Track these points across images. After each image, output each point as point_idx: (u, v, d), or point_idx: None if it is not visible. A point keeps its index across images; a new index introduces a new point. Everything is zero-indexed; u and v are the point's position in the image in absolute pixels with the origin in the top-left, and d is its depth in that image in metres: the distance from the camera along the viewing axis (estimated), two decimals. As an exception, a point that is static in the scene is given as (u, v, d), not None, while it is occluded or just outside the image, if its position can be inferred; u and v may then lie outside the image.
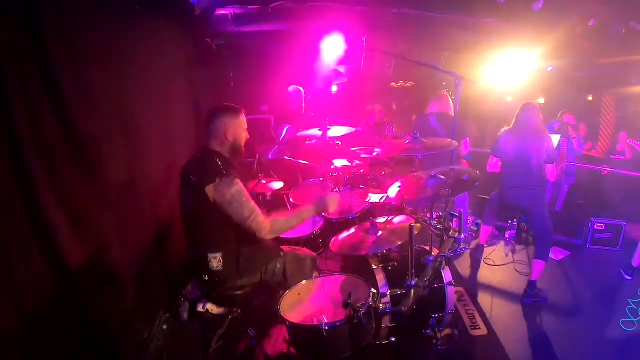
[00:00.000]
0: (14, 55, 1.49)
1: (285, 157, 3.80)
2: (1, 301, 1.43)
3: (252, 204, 2.00)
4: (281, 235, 2.82)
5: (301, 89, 4.55)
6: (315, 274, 2.39)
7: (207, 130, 2.11)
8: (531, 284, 3.16)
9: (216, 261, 2.05)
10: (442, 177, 2.31)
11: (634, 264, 3.50)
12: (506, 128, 3.38)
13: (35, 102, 1.60)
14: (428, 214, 2.57)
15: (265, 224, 2.00)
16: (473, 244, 4.11)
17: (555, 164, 3.20)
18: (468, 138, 3.74)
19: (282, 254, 2.30)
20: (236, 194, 1.96)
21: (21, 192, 1.52)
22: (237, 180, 1.98)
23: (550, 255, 3.93)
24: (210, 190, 1.93)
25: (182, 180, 2.11)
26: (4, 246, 1.44)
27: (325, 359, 1.93)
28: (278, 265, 2.25)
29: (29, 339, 1.54)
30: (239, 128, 2.13)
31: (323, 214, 3.07)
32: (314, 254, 2.47)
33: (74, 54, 1.83)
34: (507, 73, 4.30)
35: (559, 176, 4.76)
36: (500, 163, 3.40)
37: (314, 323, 1.84)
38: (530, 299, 3.14)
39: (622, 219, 4.07)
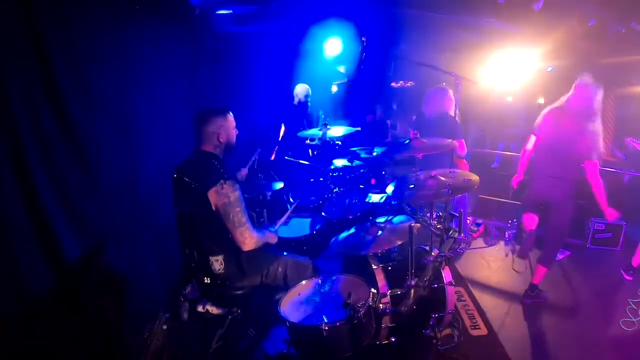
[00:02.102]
0: (14, 55, 1.49)
1: (286, 157, 3.79)
2: (2, 299, 1.43)
3: (246, 213, 2.02)
4: (281, 235, 2.83)
5: (308, 86, 4.54)
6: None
7: (198, 134, 2.09)
8: (532, 287, 3.13)
9: (218, 264, 2.05)
10: (442, 178, 2.31)
11: (634, 263, 3.49)
12: (553, 105, 2.96)
13: (35, 102, 1.60)
14: (428, 214, 2.57)
15: (253, 237, 2.02)
16: (473, 243, 4.11)
17: (597, 162, 2.75)
18: (463, 140, 3.72)
19: (284, 254, 2.31)
20: (238, 198, 1.97)
21: (21, 191, 1.52)
22: (237, 186, 1.99)
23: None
24: (212, 193, 1.92)
25: (177, 184, 2.09)
26: (4, 245, 1.44)
27: (325, 359, 1.93)
28: (280, 269, 2.25)
29: (30, 338, 1.54)
30: (230, 128, 2.13)
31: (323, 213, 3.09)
32: (311, 262, 2.47)
33: (74, 54, 1.83)
34: (507, 73, 4.30)
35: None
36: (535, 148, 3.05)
37: (314, 323, 1.84)
38: (529, 300, 3.12)
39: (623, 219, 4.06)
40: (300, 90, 4.47)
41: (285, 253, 2.37)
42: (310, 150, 4.25)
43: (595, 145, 2.73)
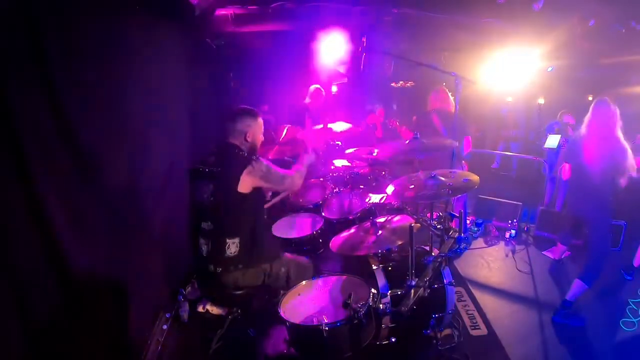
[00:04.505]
0: (14, 56, 1.49)
1: (286, 157, 3.79)
2: (2, 300, 1.43)
3: (281, 170, 2.21)
4: (281, 235, 2.84)
5: (322, 89, 4.56)
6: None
7: (227, 129, 2.22)
8: (565, 304, 2.90)
9: (234, 246, 2.11)
10: (442, 178, 2.31)
11: (635, 264, 3.50)
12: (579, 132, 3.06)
13: (35, 103, 1.60)
14: (428, 214, 2.57)
15: (295, 177, 2.29)
16: (473, 243, 4.11)
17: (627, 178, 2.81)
18: (470, 137, 3.73)
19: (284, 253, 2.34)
20: (269, 166, 2.15)
21: (22, 193, 1.52)
22: (262, 159, 2.14)
23: (550, 254, 3.93)
24: (245, 176, 2.05)
25: (196, 174, 2.20)
26: (5, 247, 1.44)
27: (325, 359, 1.93)
28: (282, 269, 2.26)
29: (30, 337, 1.54)
30: (257, 130, 2.26)
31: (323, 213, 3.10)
32: (312, 264, 2.49)
33: (74, 55, 1.82)
34: (507, 73, 4.30)
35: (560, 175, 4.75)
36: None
37: (314, 323, 1.84)
38: (560, 319, 2.90)
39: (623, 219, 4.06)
40: (312, 90, 4.51)
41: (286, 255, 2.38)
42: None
43: (626, 162, 2.78)
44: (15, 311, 1.48)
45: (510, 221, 4.29)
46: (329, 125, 3.78)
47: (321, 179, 3.66)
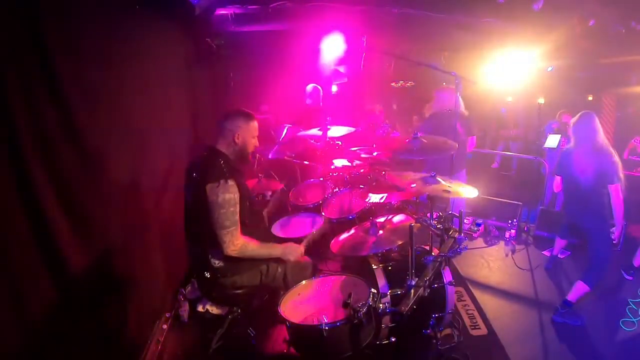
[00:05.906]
0: (14, 55, 1.49)
1: (286, 157, 3.79)
2: (2, 302, 1.43)
3: (237, 217, 2.03)
4: (281, 235, 2.83)
5: (319, 87, 4.56)
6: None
7: (217, 130, 2.18)
8: (565, 303, 2.91)
9: (217, 257, 2.07)
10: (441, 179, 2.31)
11: (635, 263, 3.50)
12: (569, 146, 3.10)
13: (36, 102, 1.59)
14: (428, 214, 2.57)
15: (238, 242, 2.03)
16: (473, 243, 4.11)
17: (618, 184, 2.82)
18: (474, 137, 3.73)
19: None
20: (229, 201, 1.99)
21: (21, 193, 1.51)
22: (235, 189, 2.02)
23: (549, 253, 3.93)
24: (207, 188, 1.98)
25: (187, 179, 2.17)
26: (4, 247, 1.43)
27: (325, 359, 1.93)
28: (279, 270, 2.25)
29: (29, 337, 1.54)
30: (248, 133, 2.19)
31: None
32: (311, 261, 2.47)
33: (75, 54, 1.82)
34: (507, 73, 4.30)
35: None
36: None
37: (314, 323, 1.84)
38: (559, 318, 2.91)
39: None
40: (310, 89, 4.51)
41: None
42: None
43: (614, 169, 2.80)
44: (14, 311, 1.48)
45: (510, 221, 4.29)
46: (329, 127, 3.77)
47: (321, 179, 3.66)
